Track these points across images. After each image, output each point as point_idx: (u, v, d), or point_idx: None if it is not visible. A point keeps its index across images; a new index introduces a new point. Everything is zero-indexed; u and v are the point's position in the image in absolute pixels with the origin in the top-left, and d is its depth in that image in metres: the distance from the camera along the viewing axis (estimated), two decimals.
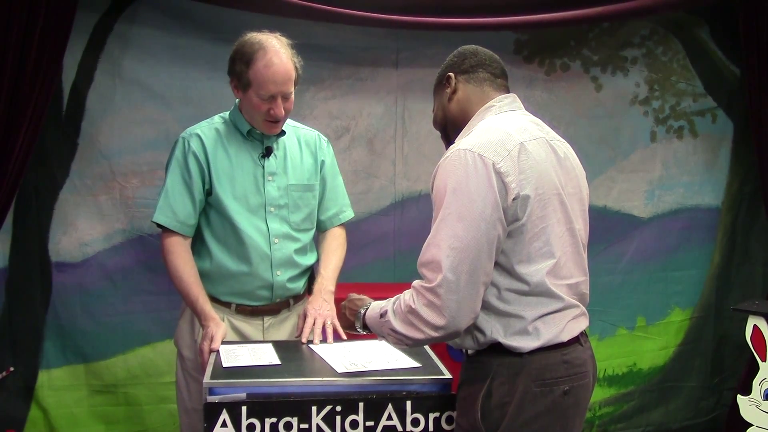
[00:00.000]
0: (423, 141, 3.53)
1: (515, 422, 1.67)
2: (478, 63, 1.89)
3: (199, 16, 3.16)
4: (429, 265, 1.66)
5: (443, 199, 1.66)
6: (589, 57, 3.60)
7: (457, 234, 1.63)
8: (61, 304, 3.16)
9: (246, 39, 2.24)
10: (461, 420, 1.75)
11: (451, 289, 1.62)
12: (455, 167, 1.66)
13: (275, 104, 2.22)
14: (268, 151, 2.34)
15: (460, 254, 1.62)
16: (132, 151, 3.19)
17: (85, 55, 3.09)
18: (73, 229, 3.16)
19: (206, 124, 2.37)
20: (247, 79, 2.21)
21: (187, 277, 2.26)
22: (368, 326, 1.87)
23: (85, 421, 3.22)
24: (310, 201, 2.42)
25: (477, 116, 1.83)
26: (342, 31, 3.32)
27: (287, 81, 2.22)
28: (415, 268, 3.27)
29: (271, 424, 1.74)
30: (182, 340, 2.39)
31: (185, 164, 2.28)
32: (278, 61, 2.19)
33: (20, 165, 2.82)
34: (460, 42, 3.79)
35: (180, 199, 2.28)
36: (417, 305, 1.67)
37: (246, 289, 2.33)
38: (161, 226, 2.30)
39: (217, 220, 2.31)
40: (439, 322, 1.64)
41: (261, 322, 2.38)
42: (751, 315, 3.06)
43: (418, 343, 1.73)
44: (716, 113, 3.77)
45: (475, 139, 1.70)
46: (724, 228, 3.84)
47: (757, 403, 3.04)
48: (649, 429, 3.82)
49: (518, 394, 1.67)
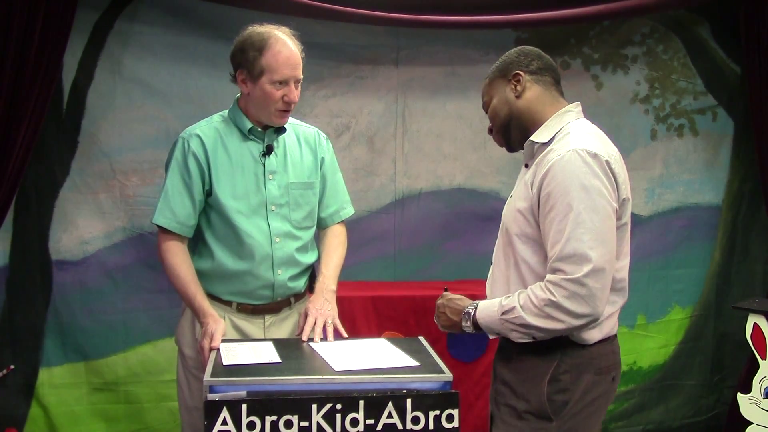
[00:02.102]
0: (423, 139, 3.53)
1: (576, 407, 1.85)
2: (545, 67, 1.99)
3: (200, 14, 3.16)
4: (571, 258, 1.76)
5: (570, 196, 1.77)
6: (589, 55, 3.60)
7: (596, 226, 1.76)
8: (62, 302, 3.16)
9: (252, 30, 2.26)
10: (517, 402, 1.88)
11: (597, 279, 1.75)
12: (577, 166, 1.78)
13: (289, 89, 2.23)
14: (269, 149, 2.33)
15: (602, 245, 1.76)
16: (132, 149, 3.19)
17: (86, 53, 3.10)
18: (73, 227, 3.17)
19: (206, 123, 2.36)
20: (261, 67, 2.21)
21: (184, 275, 2.26)
22: (479, 325, 1.91)
23: (86, 419, 3.23)
24: (310, 199, 2.41)
25: (555, 118, 1.94)
26: (342, 29, 3.32)
27: (299, 65, 2.25)
28: (415, 266, 3.27)
29: (271, 422, 1.74)
30: (183, 338, 2.39)
31: (185, 165, 2.27)
32: (290, 46, 2.23)
33: (20, 163, 2.82)
34: (460, 40, 3.81)
35: (180, 200, 2.27)
36: (558, 298, 1.76)
37: (247, 288, 2.33)
38: (160, 227, 2.30)
39: (217, 220, 2.30)
40: (583, 310, 1.76)
41: (262, 320, 2.37)
42: (752, 313, 3.06)
43: (552, 334, 1.82)
44: (717, 111, 3.77)
45: (584, 141, 1.83)
46: (725, 226, 3.85)
47: (757, 401, 3.05)
48: (649, 427, 3.82)
49: (581, 382, 1.85)
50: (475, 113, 3.54)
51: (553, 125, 1.93)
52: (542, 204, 1.83)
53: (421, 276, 3.54)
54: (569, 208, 1.77)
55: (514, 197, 1.99)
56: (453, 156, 3.57)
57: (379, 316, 3.10)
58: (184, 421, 2.39)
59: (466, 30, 3.36)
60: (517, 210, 1.91)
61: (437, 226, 3.57)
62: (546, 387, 1.85)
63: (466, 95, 3.50)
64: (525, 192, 1.90)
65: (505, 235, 1.97)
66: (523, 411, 1.88)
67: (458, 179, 3.58)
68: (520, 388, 1.90)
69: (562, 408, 1.85)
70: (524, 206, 1.89)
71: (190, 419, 2.36)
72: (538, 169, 1.87)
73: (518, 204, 1.91)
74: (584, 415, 1.87)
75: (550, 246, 1.80)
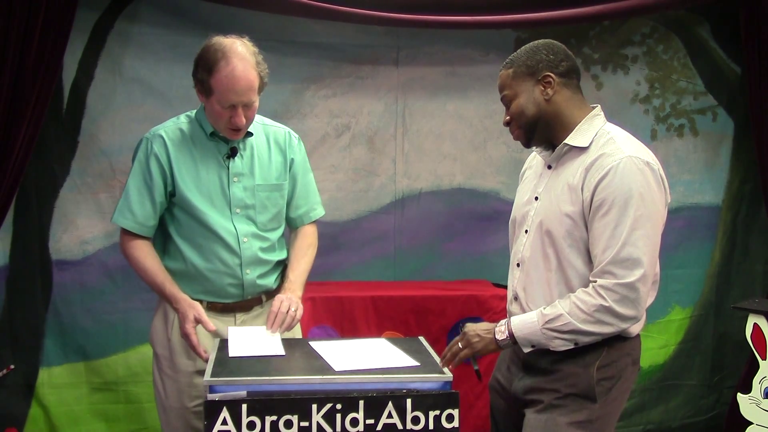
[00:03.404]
0: (423, 139, 3.53)
1: (614, 393, 1.95)
2: (572, 68, 2.02)
3: (199, 14, 3.16)
4: (625, 262, 1.83)
5: (628, 202, 1.84)
6: (589, 55, 3.60)
7: (649, 234, 1.85)
8: (62, 302, 3.16)
9: (210, 45, 2.20)
10: (560, 385, 1.94)
11: (646, 282, 1.85)
12: (634, 173, 1.86)
13: (236, 113, 2.19)
14: (233, 152, 2.31)
15: (653, 251, 1.88)
16: (132, 148, 3.18)
17: (86, 53, 3.10)
18: (73, 227, 3.17)
19: (171, 123, 2.35)
20: (209, 87, 2.18)
21: (150, 266, 2.28)
22: (516, 338, 1.93)
23: (86, 419, 3.23)
24: (278, 201, 2.39)
25: (587, 121, 1.99)
26: (342, 29, 3.32)
27: (248, 91, 2.17)
28: (414, 266, 3.28)
29: (271, 422, 1.74)
30: (156, 337, 2.39)
31: (147, 166, 2.28)
32: (240, 71, 2.14)
33: (21, 163, 2.82)
34: (460, 40, 3.81)
35: (139, 201, 2.28)
36: (610, 302, 1.83)
37: (216, 287, 2.32)
38: (129, 233, 2.31)
39: (184, 219, 2.30)
40: (631, 313, 1.85)
41: (233, 318, 2.37)
42: (752, 313, 3.06)
43: (597, 338, 1.89)
44: (717, 111, 3.76)
45: (635, 149, 1.91)
46: (725, 226, 3.84)
47: (757, 401, 3.05)
48: (649, 427, 3.82)
49: (622, 371, 1.96)
50: (475, 113, 3.55)
51: (586, 129, 1.98)
52: (595, 207, 1.87)
53: (421, 276, 3.54)
54: (626, 214, 1.83)
55: (552, 199, 1.98)
56: (453, 156, 3.57)
57: (379, 316, 3.10)
58: (162, 421, 2.39)
59: (466, 30, 3.35)
60: (564, 214, 1.92)
61: (437, 226, 3.57)
62: (595, 373, 1.93)
63: (466, 95, 3.50)
64: (571, 195, 1.92)
65: (545, 237, 1.96)
66: (568, 393, 1.94)
67: (458, 179, 3.58)
68: (564, 374, 1.95)
69: (606, 393, 1.94)
70: (572, 210, 1.91)
71: (167, 419, 2.36)
72: (590, 173, 1.89)
73: (564, 207, 1.93)
74: (619, 400, 2.00)
75: (602, 250, 1.85)
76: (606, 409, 1.95)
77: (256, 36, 3.13)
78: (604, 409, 1.94)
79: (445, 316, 3.12)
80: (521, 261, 2.04)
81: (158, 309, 2.40)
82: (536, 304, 1.97)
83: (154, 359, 2.40)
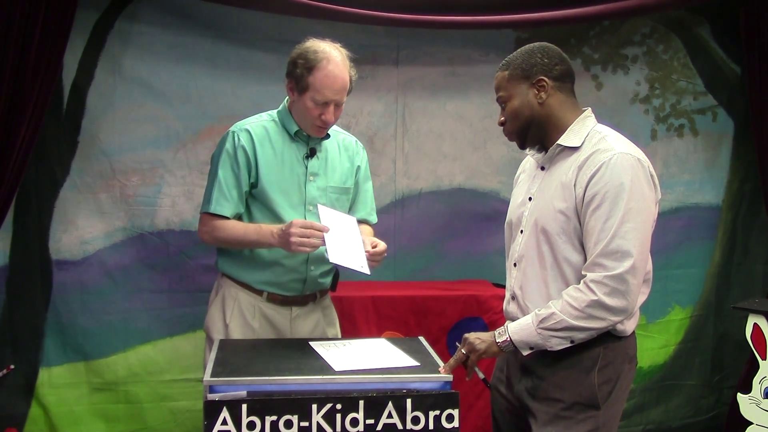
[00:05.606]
0: (423, 139, 3.53)
1: (616, 395, 1.97)
2: (566, 73, 2.04)
3: (200, 14, 3.16)
4: (614, 254, 1.85)
5: (619, 196, 1.86)
6: (589, 55, 3.60)
7: (638, 227, 1.86)
8: (62, 301, 3.16)
9: (309, 45, 2.36)
10: (562, 394, 1.95)
11: (636, 274, 1.86)
12: (625, 168, 1.88)
13: (327, 110, 2.34)
14: (312, 152, 2.44)
15: (643, 243, 1.88)
16: (132, 148, 3.19)
17: (86, 53, 3.10)
18: (73, 227, 3.17)
19: (255, 120, 2.47)
20: (306, 84, 2.32)
21: (243, 226, 2.38)
22: (514, 342, 1.93)
23: (86, 419, 3.22)
24: (344, 203, 2.52)
25: (578, 122, 2.02)
26: (342, 29, 3.30)
27: (342, 90, 2.35)
28: (414, 266, 3.28)
29: (271, 422, 1.75)
30: (213, 325, 2.47)
31: (234, 157, 2.38)
32: (339, 70, 2.32)
33: (21, 163, 2.82)
34: (460, 40, 3.80)
35: (234, 187, 2.38)
36: (600, 296, 1.85)
37: (280, 279, 2.43)
38: (213, 215, 2.38)
39: (259, 211, 2.41)
40: (622, 305, 1.86)
41: (289, 312, 2.46)
42: (752, 313, 3.06)
43: (591, 334, 1.90)
44: (717, 111, 3.76)
45: (625, 146, 1.95)
46: (725, 226, 3.84)
47: (757, 401, 3.05)
48: (649, 427, 3.82)
49: (621, 371, 1.98)
50: (475, 113, 3.55)
51: (578, 129, 2.00)
52: (587, 202, 1.90)
53: (421, 276, 3.54)
54: (617, 207, 1.85)
55: (546, 198, 2.00)
56: (453, 156, 3.57)
57: (379, 316, 3.10)
58: None
59: (466, 30, 3.35)
60: (558, 211, 1.95)
61: (437, 226, 3.57)
62: (596, 378, 1.94)
63: (466, 95, 3.49)
64: (564, 192, 1.95)
65: (540, 235, 1.98)
66: (572, 402, 1.94)
67: (458, 179, 3.58)
68: (566, 381, 1.96)
69: (608, 397, 1.95)
70: (565, 206, 1.94)
71: None
72: (583, 169, 1.92)
73: (557, 204, 1.95)
74: (620, 401, 2.02)
75: (594, 243, 1.87)
76: (609, 413, 1.97)
77: (256, 36, 3.14)
78: (607, 414, 1.96)
79: (445, 316, 3.12)
80: (518, 260, 2.06)
81: (215, 299, 2.49)
82: (533, 301, 1.98)
83: (207, 344, 2.47)
